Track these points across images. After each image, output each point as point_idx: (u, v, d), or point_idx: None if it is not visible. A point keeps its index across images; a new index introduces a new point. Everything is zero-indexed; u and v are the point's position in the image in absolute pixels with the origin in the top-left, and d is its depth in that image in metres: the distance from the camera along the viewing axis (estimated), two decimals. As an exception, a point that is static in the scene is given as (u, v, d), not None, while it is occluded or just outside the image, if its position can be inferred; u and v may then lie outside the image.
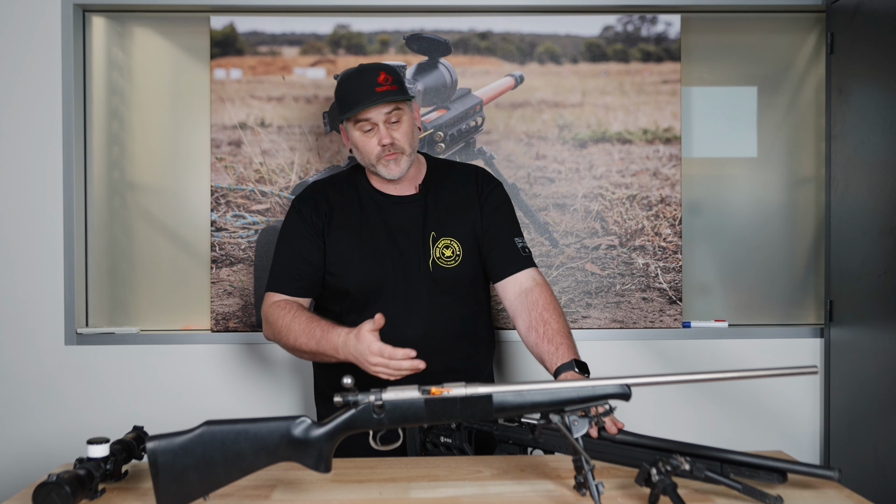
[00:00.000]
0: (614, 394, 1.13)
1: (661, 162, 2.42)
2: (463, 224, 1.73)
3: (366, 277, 1.68)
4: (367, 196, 1.73)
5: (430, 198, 1.73)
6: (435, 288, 1.69)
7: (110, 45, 2.45)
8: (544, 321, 1.59)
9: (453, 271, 1.70)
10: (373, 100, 1.58)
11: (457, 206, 1.74)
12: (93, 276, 2.44)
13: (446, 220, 1.72)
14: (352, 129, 1.66)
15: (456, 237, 1.71)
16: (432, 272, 1.68)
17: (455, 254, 1.71)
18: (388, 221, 1.71)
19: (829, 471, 1.17)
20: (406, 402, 1.12)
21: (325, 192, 1.75)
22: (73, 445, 2.28)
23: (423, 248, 1.69)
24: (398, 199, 1.72)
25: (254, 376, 2.40)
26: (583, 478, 1.10)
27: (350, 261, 1.68)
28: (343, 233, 1.70)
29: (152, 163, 2.47)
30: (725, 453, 1.20)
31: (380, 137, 1.62)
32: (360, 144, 1.65)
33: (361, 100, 1.59)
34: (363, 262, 1.68)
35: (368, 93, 1.59)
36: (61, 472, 1.15)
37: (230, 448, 1.10)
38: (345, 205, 1.73)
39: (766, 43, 2.50)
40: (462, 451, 1.45)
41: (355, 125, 1.64)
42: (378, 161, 1.65)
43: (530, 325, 1.61)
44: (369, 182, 1.74)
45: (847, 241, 2.29)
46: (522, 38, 2.43)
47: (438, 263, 1.69)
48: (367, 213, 1.72)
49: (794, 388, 2.46)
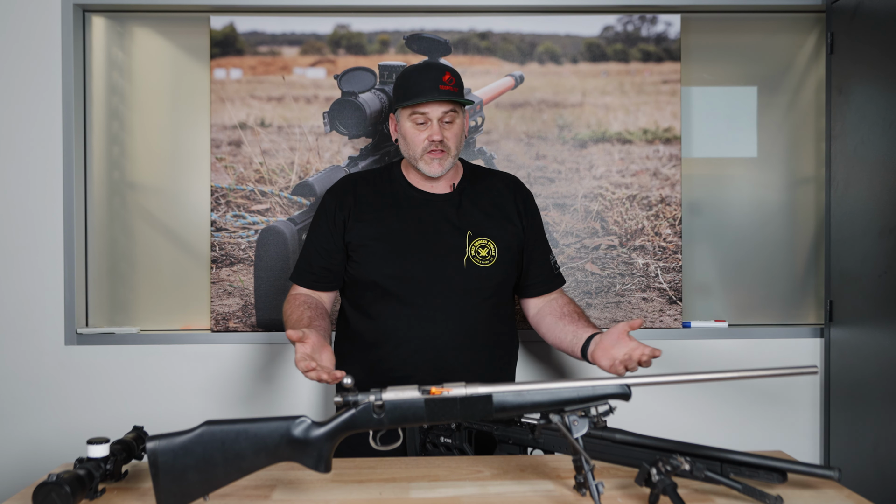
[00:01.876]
0: (614, 394, 1.13)
1: (661, 162, 2.42)
2: (500, 228, 1.76)
3: (394, 270, 1.69)
4: (403, 191, 1.76)
5: (465, 198, 1.76)
6: (466, 286, 1.70)
7: (110, 45, 2.45)
8: (571, 311, 1.75)
9: (487, 271, 1.72)
10: (435, 96, 1.62)
11: (494, 210, 1.77)
12: (93, 276, 2.44)
13: (483, 222, 1.75)
14: (404, 119, 1.69)
15: (493, 238, 1.74)
16: (466, 269, 1.70)
17: (490, 254, 1.73)
18: (422, 217, 1.73)
19: (829, 471, 1.17)
20: (406, 402, 1.12)
21: (356, 184, 1.79)
22: (73, 445, 2.29)
23: (458, 245, 1.71)
24: (433, 196, 1.75)
25: (254, 376, 2.40)
26: (583, 478, 1.10)
27: (375, 252, 1.71)
28: (370, 225, 1.72)
29: (152, 163, 2.47)
30: (725, 453, 1.20)
31: (431, 133, 1.65)
32: (410, 135, 1.68)
33: (424, 92, 1.63)
34: (391, 254, 1.70)
35: (432, 88, 1.63)
36: (61, 472, 1.15)
37: (230, 448, 1.10)
38: (375, 197, 1.76)
39: (766, 43, 2.50)
40: (462, 452, 1.45)
41: (410, 116, 1.67)
42: (423, 156, 1.68)
43: (555, 315, 1.75)
44: (405, 177, 1.77)
45: (847, 241, 2.29)
46: (522, 38, 2.43)
47: (473, 262, 1.71)
48: (402, 206, 1.74)
49: (794, 388, 2.46)
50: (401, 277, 1.69)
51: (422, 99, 1.63)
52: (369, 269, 1.71)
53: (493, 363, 1.76)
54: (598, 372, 2.22)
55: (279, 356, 2.40)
